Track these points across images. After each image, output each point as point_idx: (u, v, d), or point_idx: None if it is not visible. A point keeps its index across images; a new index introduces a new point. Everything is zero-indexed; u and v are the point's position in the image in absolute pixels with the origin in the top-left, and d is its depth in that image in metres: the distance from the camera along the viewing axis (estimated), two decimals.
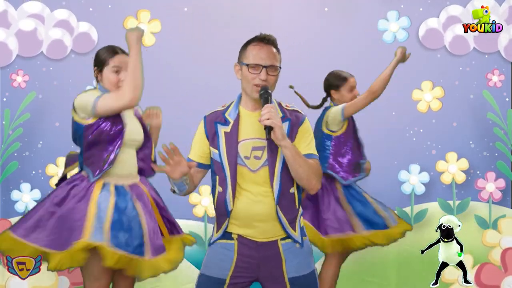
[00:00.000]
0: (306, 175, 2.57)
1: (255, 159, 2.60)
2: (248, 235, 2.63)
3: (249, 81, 2.61)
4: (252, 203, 2.60)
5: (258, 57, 2.61)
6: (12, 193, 4.62)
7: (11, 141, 4.61)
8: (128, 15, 4.75)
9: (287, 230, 2.62)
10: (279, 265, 2.64)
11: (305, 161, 2.56)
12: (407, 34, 4.86)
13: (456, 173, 4.82)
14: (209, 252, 2.73)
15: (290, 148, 2.52)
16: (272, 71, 2.62)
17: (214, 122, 2.67)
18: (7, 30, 4.66)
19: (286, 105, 2.71)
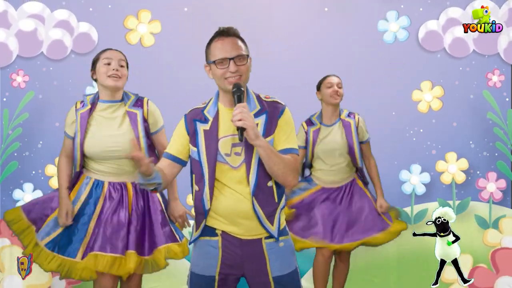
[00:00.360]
0: (281, 173, 2.54)
1: (235, 155, 2.58)
2: (232, 232, 2.62)
3: (221, 77, 2.58)
4: (236, 201, 2.58)
5: (222, 51, 2.58)
6: (13, 193, 4.63)
7: (11, 141, 4.61)
8: (129, 14, 4.76)
9: (264, 224, 2.60)
10: (263, 264, 2.64)
11: (280, 159, 2.53)
12: (407, 33, 4.86)
13: (456, 173, 4.82)
14: (195, 249, 2.72)
15: (265, 148, 2.49)
16: (240, 60, 2.58)
17: (193, 120, 2.64)
18: (7, 31, 4.66)
19: (266, 97, 2.68)
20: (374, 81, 4.84)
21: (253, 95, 2.66)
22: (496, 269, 4.38)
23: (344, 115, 4.25)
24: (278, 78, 4.63)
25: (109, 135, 3.37)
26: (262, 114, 2.61)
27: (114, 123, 3.40)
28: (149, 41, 4.78)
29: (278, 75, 4.68)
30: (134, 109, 3.42)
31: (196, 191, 2.65)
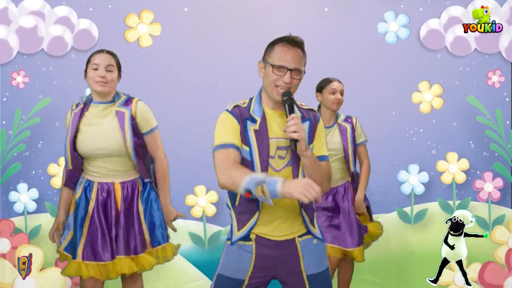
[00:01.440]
0: (320, 181, 2.54)
1: (279, 158, 2.59)
2: (266, 233, 2.61)
3: (272, 82, 2.57)
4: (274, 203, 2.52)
5: (284, 58, 2.58)
6: (10, 194, 4.61)
7: (17, 143, 4.61)
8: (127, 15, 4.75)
9: (309, 228, 2.64)
10: (297, 263, 2.64)
11: (320, 168, 2.58)
12: (408, 31, 4.85)
13: (456, 173, 4.82)
14: (227, 253, 2.69)
15: (310, 158, 2.53)
16: (296, 74, 2.59)
17: (245, 119, 2.60)
18: (8, 27, 4.65)
19: (301, 104, 2.70)
20: (374, 81, 4.83)
21: (296, 101, 2.67)
22: (509, 267, 4.38)
23: (341, 119, 4.26)
24: None
25: (98, 132, 3.41)
26: (305, 121, 2.64)
27: (103, 122, 3.43)
28: (146, 42, 4.76)
29: None
30: (123, 108, 3.43)
31: None
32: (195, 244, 4.68)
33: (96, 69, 3.41)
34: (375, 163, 4.70)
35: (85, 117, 3.45)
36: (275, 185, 2.32)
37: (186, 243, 4.62)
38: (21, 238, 4.27)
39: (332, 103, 4.16)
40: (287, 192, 2.31)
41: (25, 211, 4.59)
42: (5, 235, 4.22)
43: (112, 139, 3.39)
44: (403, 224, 4.84)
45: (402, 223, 4.84)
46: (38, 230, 4.57)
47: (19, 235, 4.30)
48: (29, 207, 4.59)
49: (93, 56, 3.47)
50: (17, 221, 4.55)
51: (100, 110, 3.46)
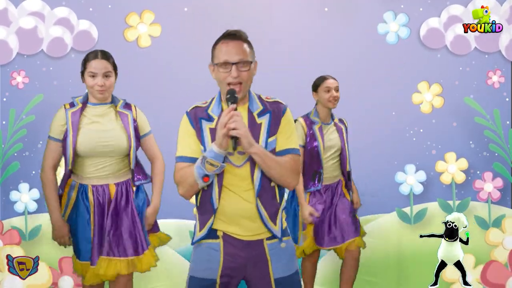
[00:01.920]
0: (279, 176, 2.54)
1: (238, 154, 2.56)
2: (233, 232, 2.60)
3: (222, 81, 2.56)
4: (238, 200, 2.56)
5: (226, 54, 2.56)
6: (11, 194, 4.62)
7: (14, 142, 4.61)
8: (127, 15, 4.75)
9: (267, 224, 2.58)
10: (265, 265, 2.62)
11: (276, 163, 2.53)
12: (408, 30, 4.85)
13: (455, 173, 4.82)
14: (195, 253, 2.69)
15: (259, 154, 2.49)
16: (243, 66, 2.55)
17: (199, 118, 2.61)
18: (8, 28, 4.65)
19: (267, 97, 2.67)
20: (374, 81, 4.83)
21: (255, 96, 2.65)
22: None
23: (336, 119, 4.29)
24: (278, 78, 4.62)
25: (102, 130, 3.43)
26: (266, 113, 2.60)
27: (105, 120, 3.46)
28: (145, 42, 4.76)
29: (278, 76, 4.67)
30: (125, 110, 3.50)
31: (203, 190, 2.60)
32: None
33: (94, 76, 3.40)
34: (375, 163, 4.71)
35: (84, 117, 3.45)
36: (212, 148, 2.47)
37: (186, 242, 4.62)
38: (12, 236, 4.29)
39: (328, 101, 4.16)
40: (218, 142, 2.45)
41: (25, 211, 4.59)
42: None
43: (116, 137, 3.43)
44: (402, 224, 4.84)
45: (401, 223, 4.84)
46: (38, 230, 4.57)
47: (10, 232, 4.30)
48: (30, 207, 4.59)
49: (89, 62, 3.43)
50: (17, 221, 4.56)
51: (101, 110, 3.47)
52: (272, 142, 2.58)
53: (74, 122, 3.43)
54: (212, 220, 2.59)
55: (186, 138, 2.62)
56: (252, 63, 2.60)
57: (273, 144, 2.59)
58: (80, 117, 3.44)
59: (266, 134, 2.57)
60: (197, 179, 2.51)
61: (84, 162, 3.47)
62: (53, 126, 3.49)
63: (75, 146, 3.41)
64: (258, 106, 2.61)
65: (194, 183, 2.53)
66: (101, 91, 3.41)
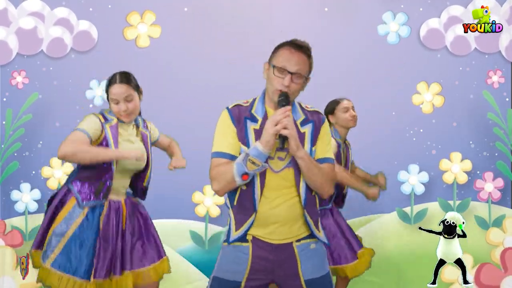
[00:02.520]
0: (320, 183, 2.55)
1: (278, 160, 2.55)
2: (263, 236, 2.58)
3: (272, 84, 2.55)
4: (272, 205, 2.55)
5: (286, 61, 2.55)
6: (12, 193, 4.62)
7: (12, 141, 4.61)
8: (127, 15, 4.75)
9: (314, 232, 2.60)
10: (295, 267, 2.60)
11: (319, 170, 2.54)
12: (409, 28, 4.84)
13: (458, 173, 4.82)
14: (223, 254, 2.66)
15: (305, 159, 2.49)
16: (297, 78, 2.54)
17: (244, 118, 2.58)
18: (7, 29, 4.66)
19: (306, 106, 2.67)
20: (374, 81, 4.83)
21: (297, 105, 2.65)
22: (505, 268, 4.38)
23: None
24: None
25: (135, 148, 3.41)
26: (309, 123, 2.61)
27: (134, 140, 3.45)
28: (144, 42, 4.76)
29: None
30: (145, 130, 3.54)
31: (242, 190, 2.57)
32: (195, 243, 4.69)
33: (117, 103, 3.35)
34: (375, 163, 4.70)
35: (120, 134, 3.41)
36: (256, 147, 2.44)
37: (186, 242, 4.63)
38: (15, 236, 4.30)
39: (349, 120, 4.13)
40: (265, 140, 2.42)
41: (26, 211, 4.60)
42: None
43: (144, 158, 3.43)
44: (403, 224, 4.84)
45: (402, 223, 4.84)
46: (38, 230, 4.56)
47: (13, 232, 4.31)
48: (30, 207, 4.59)
49: (111, 86, 3.36)
50: (17, 221, 4.56)
51: (129, 129, 3.45)
52: (315, 150, 2.60)
53: (115, 137, 3.34)
54: (251, 221, 2.57)
55: (225, 135, 2.58)
56: (306, 79, 2.60)
57: (314, 153, 2.60)
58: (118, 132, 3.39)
59: (310, 143, 2.58)
60: (235, 176, 2.47)
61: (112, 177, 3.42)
62: (87, 126, 3.28)
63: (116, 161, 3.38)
64: (301, 115, 2.61)
65: (232, 180, 2.48)
66: (126, 116, 3.37)
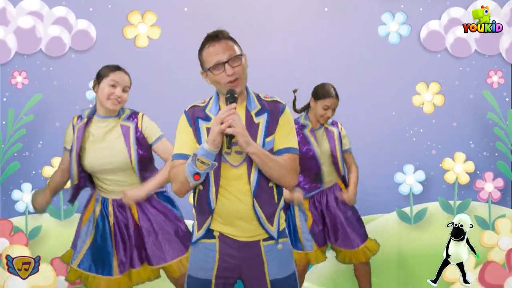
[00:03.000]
0: (278, 175, 2.52)
1: (236, 154, 2.54)
2: (230, 233, 2.59)
3: (219, 82, 2.54)
4: (234, 200, 2.55)
5: (215, 56, 2.54)
6: (12, 193, 4.62)
7: (13, 142, 4.60)
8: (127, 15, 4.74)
9: (264, 225, 2.57)
10: (261, 267, 2.61)
11: (275, 163, 2.51)
12: (409, 28, 4.84)
13: (460, 174, 4.81)
14: (192, 253, 2.68)
15: (257, 154, 2.46)
16: (235, 61, 2.54)
17: (196, 118, 2.60)
18: (6, 28, 4.65)
19: (265, 96, 2.65)
20: (374, 81, 4.83)
21: (253, 95, 2.63)
22: (509, 267, 4.37)
23: (327, 123, 4.19)
24: (278, 78, 4.63)
25: (103, 149, 3.39)
26: (264, 113, 2.58)
27: (108, 137, 3.41)
28: (143, 42, 4.75)
29: (278, 76, 4.68)
30: (128, 122, 3.43)
31: (200, 190, 2.59)
32: None
33: (114, 86, 3.36)
34: (375, 163, 4.71)
35: (89, 133, 3.42)
36: (203, 146, 2.45)
37: None
38: (19, 238, 4.27)
39: (321, 117, 4.10)
40: (211, 139, 2.43)
41: (26, 211, 4.59)
42: (3, 235, 4.22)
43: (117, 154, 3.38)
44: (403, 224, 4.84)
45: (402, 223, 4.84)
46: (38, 231, 4.58)
47: (18, 234, 4.30)
48: (31, 207, 4.58)
49: (112, 72, 3.38)
50: (18, 221, 4.56)
51: (105, 125, 3.42)
52: (269, 141, 2.56)
53: (78, 138, 3.39)
54: (209, 221, 2.58)
55: (183, 136, 2.61)
56: (242, 56, 2.58)
57: (271, 143, 2.57)
58: (84, 133, 3.40)
59: (263, 134, 2.56)
60: (188, 177, 2.48)
61: (98, 177, 3.45)
62: (65, 140, 3.53)
63: (79, 162, 3.39)
64: (256, 106, 2.60)
65: (185, 180, 2.50)
66: (116, 102, 3.37)
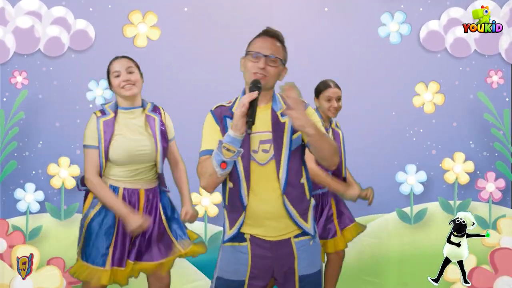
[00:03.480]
0: (330, 154, 2.55)
1: (263, 152, 2.57)
2: (260, 234, 2.60)
3: (249, 70, 2.59)
4: (262, 200, 2.57)
5: (259, 47, 2.60)
6: (15, 192, 4.61)
7: (8, 141, 4.58)
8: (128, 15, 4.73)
9: (298, 222, 2.59)
10: (292, 263, 2.62)
11: (330, 143, 2.54)
12: (406, 34, 4.84)
13: (460, 173, 4.82)
14: (223, 255, 2.69)
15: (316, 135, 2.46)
16: (272, 61, 2.59)
17: (224, 117, 2.63)
18: (4, 28, 4.64)
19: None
20: (374, 81, 4.83)
21: (278, 96, 2.68)
22: (495, 269, 4.38)
23: (334, 125, 4.18)
24: None
25: (135, 139, 3.41)
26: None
27: (137, 127, 3.44)
28: (142, 42, 4.74)
29: None
30: (153, 114, 3.50)
31: (230, 188, 2.61)
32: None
33: (118, 75, 3.40)
34: (375, 163, 4.71)
35: (118, 125, 3.42)
36: (228, 134, 2.47)
37: None
38: (17, 237, 4.26)
39: (328, 110, 4.07)
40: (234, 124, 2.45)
41: (27, 211, 4.58)
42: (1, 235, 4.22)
43: (145, 146, 3.41)
44: (403, 224, 4.84)
45: (402, 223, 4.84)
46: (38, 231, 4.57)
47: (15, 233, 4.29)
48: (32, 207, 4.58)
49: (111, 65, 3.47)
50: (18, 220, 4.55)
51: (132, 116, 3.45)
52: (296, 139, 2.61)
53: (107, 132, 3.38)
54: (242, 218, 2.60)
55: (211, 134, 2.64)
56: (282, 64, 2.64)
57: (298, 140, 2.61)
58: (114, 126, 3.40)
59: (290, 132, 2.60)
60: (215, 166, 2.49)
61: (116, 168, 3.43)
62: (87, 135, 3.43)
63: (107, 155, 3.38)
64: (282, 106, 2.64)
65: (213, 171, 2.50)
66: (129, 86, 3.39)
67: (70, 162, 4.62)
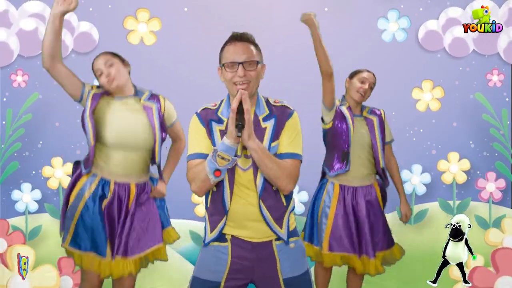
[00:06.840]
0: (275, 177, 2.51)
1: (245, 157, 2.55)
2: (243, 235, 2.59)
3: (229, 81, 2.56)
4: (244, 203, 2.56)
5: (232, 54, 2.55)
6: (12, 193, 4.64)
7: (12, 141, 4.62)
8: (128, 15, 4.77)
9: (272, 227, 2.57)
10: (274, 266, 2.60)
11: (274, 163, 2.50)
12: (406, 34, 4.86)
13: (457, 173, 4.82)
14: (202, 255, 2.67)
15: (257, 150, 2.46)
16: (250, 66, 2.54)
17: (209, 120, 2.61)
18: (8, 30, 4.68)
19: (275, 101, 2.65)
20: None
21: (262, 99, 2.64)
22: (496, 269, 4.37)
23: (366, 112, 4.06)
24: (278, 78, 4.60)
25: (126, 123, 3.40)
26: (271, 118, 2.59)
27: (130, 115, 3.42)
28: (149, 40, 4.78)
29: (278, 76, 4.65)
30: (150, 102, 3.47)
31: (213, 192, 2.59)
32: (195, 243, 4.69)
33: (101, 73, 3.40)
34: None
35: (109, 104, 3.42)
36: (223, 141, 2.44)
37: (186, 242, 4.63)
38: (17, 237, 4.29)
39: (356, 91, 3.97)
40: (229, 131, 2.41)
41: (26, 211, 4.61)
42: (1, 235, 4.24)
43: (141, 132, 3.40)
44: (403, 224, 4.83)
45: (402, 223, 4.83)
46: (38, 231, 4.60)
47: (15, 233, 4.31)
48: (31, 207, 4.61)
49: (92, 67, 3.48)
50: (18, 221, 4.58)
51: (126, 104, 3.45)
52: (275, 146, 2.57)
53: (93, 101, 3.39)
54: (224, 221, 2.58)
55: (197, 136, 2.61)
56: (259, 64, 2.59)
57: (277, 148, 2.57)
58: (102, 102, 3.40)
59: (270, 138, 2.56)
60: (208, 174, 2.47)
61: (110, 154, 3.41)
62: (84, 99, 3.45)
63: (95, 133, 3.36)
64: (265, 111, 2.61)
65: (206, 178, 2.49)
66: (110, 82, 3.39)
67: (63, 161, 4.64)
